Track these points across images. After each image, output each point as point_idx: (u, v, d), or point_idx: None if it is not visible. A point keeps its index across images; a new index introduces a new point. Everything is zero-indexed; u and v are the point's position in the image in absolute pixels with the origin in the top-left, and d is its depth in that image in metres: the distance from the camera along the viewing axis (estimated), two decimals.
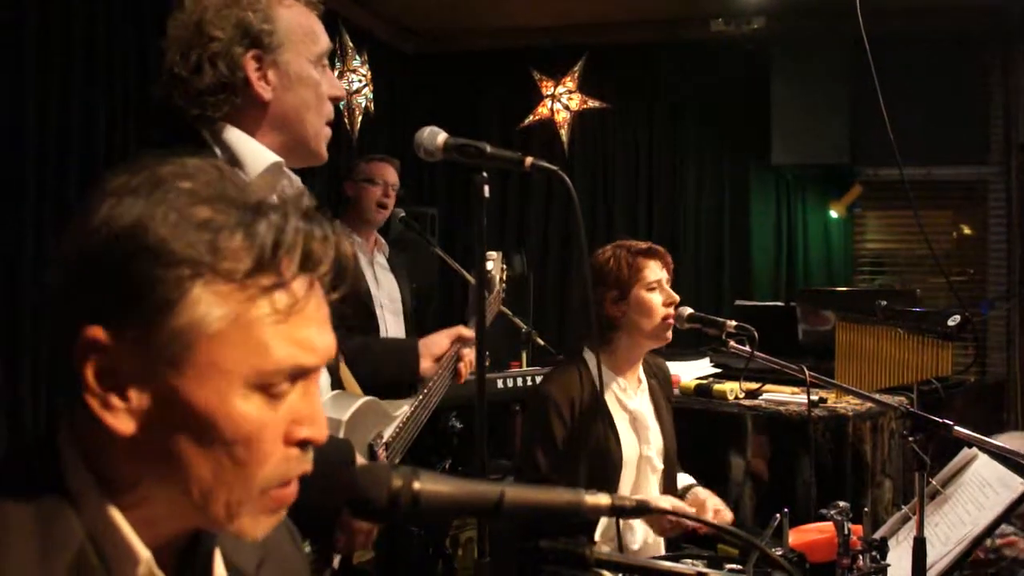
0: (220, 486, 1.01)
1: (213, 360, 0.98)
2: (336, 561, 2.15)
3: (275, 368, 1.01)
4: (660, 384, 3.30)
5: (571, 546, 1.07)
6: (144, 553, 1.03)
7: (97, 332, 0.98)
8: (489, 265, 3.02)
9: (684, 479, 3.26)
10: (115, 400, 0.99)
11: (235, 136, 1.93)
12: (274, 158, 1.94)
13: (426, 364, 2.71)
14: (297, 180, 2.02)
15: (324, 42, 2.02)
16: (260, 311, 1.00)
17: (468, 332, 2.78)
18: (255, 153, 1.93)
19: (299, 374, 1.04)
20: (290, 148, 1.99)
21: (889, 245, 7.24)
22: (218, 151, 1.91)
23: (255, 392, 1.00)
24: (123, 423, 0.99)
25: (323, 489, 1.11)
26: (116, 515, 1.02)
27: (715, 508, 3.06)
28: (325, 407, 2.06)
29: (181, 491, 1.01)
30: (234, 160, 1.89)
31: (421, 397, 2.59)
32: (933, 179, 6.66)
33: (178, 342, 0.98)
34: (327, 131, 2.06)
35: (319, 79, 2.00)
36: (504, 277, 3.05)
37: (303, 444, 1.05)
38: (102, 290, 0.98)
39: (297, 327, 1.02)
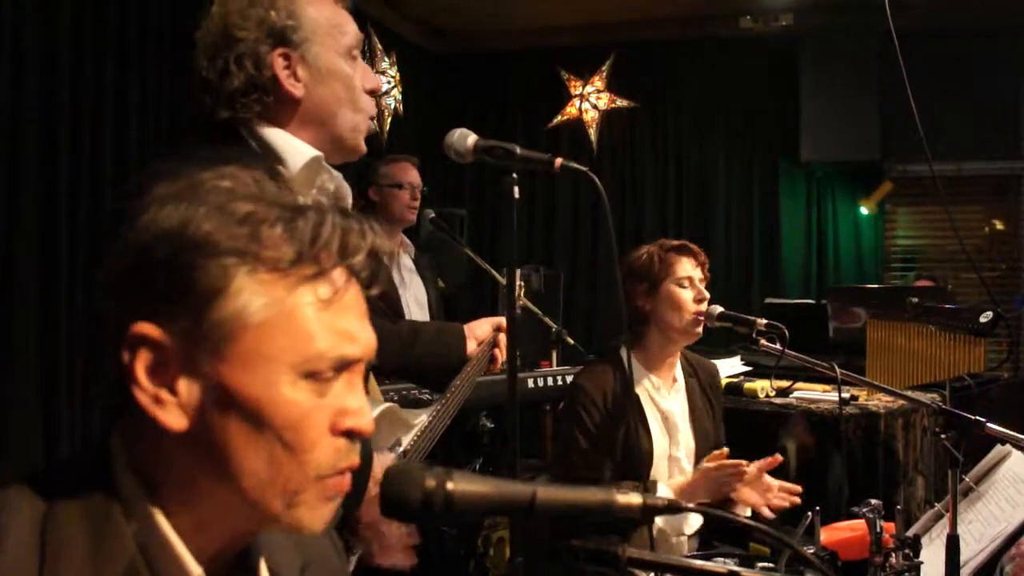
0: (275, 475, 1.02)
1: (259, 348, 1.00)
2: (353, 562, 2.15)
3: (319, 356, 1.02)
4: (702, 386, 3.30)
5: (603, 545, 1.08)
6: (195, 569, 1.04)
7: (146, 328, 1.00)
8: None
9: None
10: (165, 395, 1.01)
11: (272, 133, 1.92)
12: (313, 152, 1.93)
13: (471, 347, 2.72)
14: (338, 175, 2.00)
15: (353, 34, 2.01)
16: (303, 299, 1.02)
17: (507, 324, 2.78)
18: (294, 148, 1.92)
19: (343, 365, 1.05)
20: (327, 143, 1.98)
21: (920, 241, 7.20)
22: (256, 148, 1.91)
23: (302, 380, 1.02)
24: (174, 418, 1.01)
25: None
26: (167, 528, 1.03)
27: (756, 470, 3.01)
28: None
29: (234, 486, 1.02)
30: (274, 156, 1.89)
31: (439, 408, 2.59)
32: (964, 174, 6.62)
33: (224, 331, 0.99)
34: (366, 124, 2.04)
35: (351, 72, 1.99)
36: (522, 294, 3.07)
37: (350, 435, 1.06)
38: (149, 287, 1.00)
39: (338, 317, 1.04)
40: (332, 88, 1.96)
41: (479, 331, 2.73)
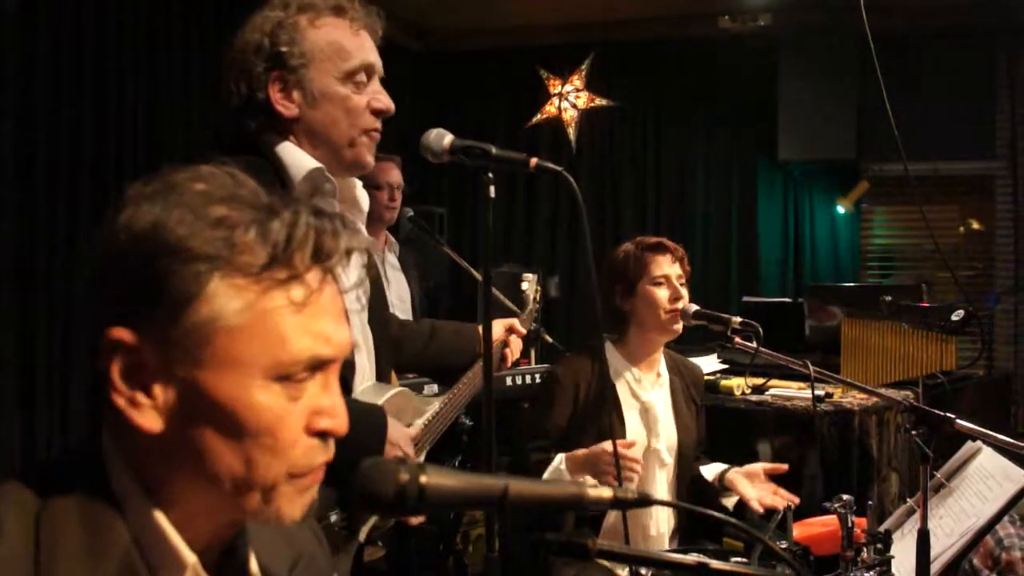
0: (252, 475, 1.04)
1: (232, 352, 1.01)
2: (364, 533, 2.19)
3: (292, 359, 1.03)
4: (685, 383, 3.32)
5: (574, 537, 1.10)
6: (191, 558, 1.05)
7: (121, 332, 1.01)
8: (525, 285, 3.10)
9: (716, 467, 3.24)
10: (141, 398, 1.02)
11: (281, 146, 2.07)
12: (313, 164, 2.06)
13: None
14: (357, 182, 2.21)
15: (359, 58, 2.14)
16: (276, 303, 1.02)
17: (519, 326, 2.80)
18: (297, 161, 2.06)
19: (317, 366, 1.06)
20: (329, 158, 2.11)
21: (897, 240, 7.23)
22: (269, 160, 2.06)
23: (275, 383, 1.03)
24: (150, 420, 1.02)
25: (353, 448, 1.14)
26: (161, 519, 1.05)
27: (760, 470, 3.09)
28: (364, 394, 2.19)
29: (213, 484, 1.04)
30: (280, 167, 2.05)
31: (449, 398, 2.63)
32: (940, 174, 6.66)
33: (198, 336, 1.01)
34: (366, 140, 2.15)
35: (348, 94, 2.10)
36: (538, 298, 3.10)
37: (324, 435, 1.08)
38: (124, 291, 1.02)
39: (313, 318, 1.05)
40: (325, 110, 2.09)
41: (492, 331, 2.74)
